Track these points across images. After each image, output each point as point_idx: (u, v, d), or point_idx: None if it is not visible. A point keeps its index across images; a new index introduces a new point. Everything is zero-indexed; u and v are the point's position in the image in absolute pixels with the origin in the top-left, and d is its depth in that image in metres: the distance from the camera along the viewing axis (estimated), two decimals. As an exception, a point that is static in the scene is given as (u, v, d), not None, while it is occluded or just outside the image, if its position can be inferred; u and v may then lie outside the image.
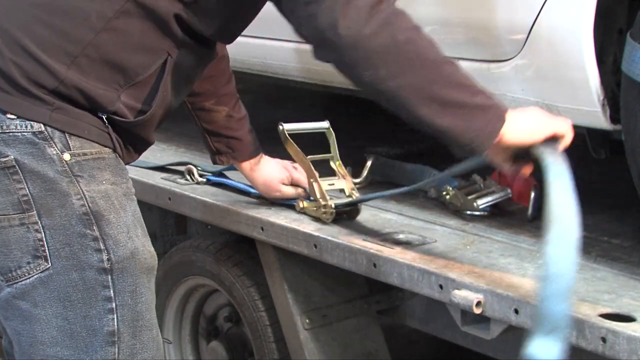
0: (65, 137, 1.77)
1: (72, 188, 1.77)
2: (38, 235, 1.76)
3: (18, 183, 1.75)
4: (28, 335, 1.81)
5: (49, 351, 1.81)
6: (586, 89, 2.08)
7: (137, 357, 1.85)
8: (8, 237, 1.77)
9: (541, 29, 2.10)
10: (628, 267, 2.03)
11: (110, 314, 1.81)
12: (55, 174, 1.76)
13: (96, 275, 1.79)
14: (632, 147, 1.97)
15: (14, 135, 1.74)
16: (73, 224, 1.77)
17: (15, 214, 1.76)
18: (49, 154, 1.75)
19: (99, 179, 1.80)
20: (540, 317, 1.65)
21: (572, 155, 1.81)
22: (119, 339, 1.82)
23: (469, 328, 2.04)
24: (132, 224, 1.85)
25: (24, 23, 1.76)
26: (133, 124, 1.84)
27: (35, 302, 1.79)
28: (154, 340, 1.89)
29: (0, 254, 1.78)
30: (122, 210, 1.83)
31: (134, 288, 1.83)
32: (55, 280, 1.78)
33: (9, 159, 1.74)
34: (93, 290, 1.80)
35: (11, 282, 1.79)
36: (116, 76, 1.80)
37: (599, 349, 1.76)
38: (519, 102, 2.25)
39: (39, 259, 1.77)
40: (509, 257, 2.10)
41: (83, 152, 1.78)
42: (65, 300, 1.79)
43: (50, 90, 1.75)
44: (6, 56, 1.75)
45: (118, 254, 1.80)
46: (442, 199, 2.48)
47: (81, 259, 1.78)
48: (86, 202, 1.78)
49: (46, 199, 1.76)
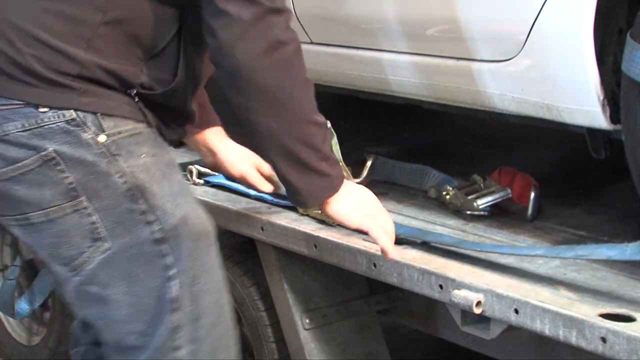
0: (97, 120, 1.78)
1: (112, 167, 1.79)
2: (91, 218, 1.79)
3: (62, 173, 1.77)
4: (105, 317, 1.86)
5: (126, 328, 1.86)
6: (586, 89, 2.08)
7: (198, 322, 1.88)
8: (66, 226, 1.80)
9: (541, 29, 2.10)
10: (628, 267, 2.03)
11: (170, 280, 1.84)
12: (94, 157, 1.78)
13: (152, 246, 1.82)
14: (632, 147, 1.97)
15: (49, 128, 1.75)
16: (120, 202, 1.80)
17: (66, 203, 1.78)
18: (84, 139, 1.77)
19: (136, 153, 1.82)
20: None
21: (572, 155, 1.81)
22: (180, 305, 1.85)
23: (469, 328, 2.04)
24: (178, 191, 1.87)
25: (33, 16, 1.76)
26: (162, 95, 1.86)
27: (103, 283, 1.82)
28: (215, 303, 1.92)
29: (63, 246, 1.82)
30: (165, 180, 1.85)
31: (189, 253, 1.86)
32: (117, 258, 1.81)
33: (48, 151, 1.76)
34: (152, 261, 1.83)
35: (77, 270, 1.82)
36: (134, 50, 1.81)
37: (599, 349, 1.76)
38: (519, 102, 2.25)
39: (97, 241, 1.80)
40: (509, 257, 2.09)
41: (118, 130, 1.80)
42: (130, 276, 1.82)
43: (75, 76, 1.76)
44: (24, 51, 1.75)
45: (169, 222, 1.83)
46: (442, 199, 2.48)
47: (135, 234, 1.81)
48: (127, 179, 1.80)
49: (90, 182, 1.78)
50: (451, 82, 2.36)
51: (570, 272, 2.02)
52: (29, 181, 1.77)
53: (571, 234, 2.27)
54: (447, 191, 2.46)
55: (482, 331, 2.02)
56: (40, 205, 1.78)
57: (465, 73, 2.30)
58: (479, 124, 3.37)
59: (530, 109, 2.26)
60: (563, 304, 1.84)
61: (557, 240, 2.24)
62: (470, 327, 2.03)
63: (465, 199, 2.41)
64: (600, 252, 1.94)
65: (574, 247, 2.06)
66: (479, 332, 2.02)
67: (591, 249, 1.97)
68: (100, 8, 1.77)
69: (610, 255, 1.92)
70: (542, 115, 2.24)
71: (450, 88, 2.37)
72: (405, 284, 2.08)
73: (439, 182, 2.54)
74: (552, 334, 1.83)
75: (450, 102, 2.44)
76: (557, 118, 2.21)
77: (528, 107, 2.26)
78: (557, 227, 2.32)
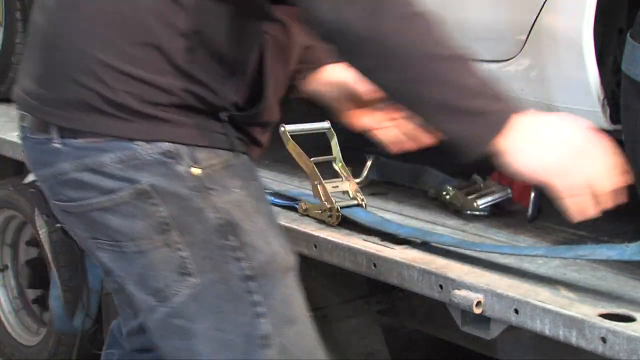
0: (191, 151, 1.75)
1: (206, 202, 1.75)
2: (181, 253, 1.76)
3: (154, 206, 1.74)
4: (188, 350, 1.81)
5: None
6: (586, 89, 2.08)
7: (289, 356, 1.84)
8: (155, 259, 1.77)
9: (541, 29, 2.10)
10: (628, 267, 2.03)
11: (260, 317, 1.80)
12: (187, 192, 1.75)
13: (241, 283, 1.79)
14: (632, 147, 1.97)
15: (144, 160, 1.73)
16: (212, 238, 1.76)
17: (157, 236, 1.75)
18: (178, 172, 1.74)
19: (229, 187, 1.78)
20: None
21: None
22: (270, 341, 1.81)
23: (469, 328, 2.04)
24: (267, 227, 1.83)
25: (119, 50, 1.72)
26: (253, 115, 1.82)
27: (190, 317, 1.79)
28: (301, 334, 1.88)
29: (150, 277, 1.79)
30: (256, 215, 1.81)
31: (278, 289, 1.82)
32: (205, 294, 1.78)
33: (142, 184, 1.73)
34: (240, 298, 1.79)
35: (164, 301, 1.79)
36: (220, 70, 1.77)
37: (599, 349, 1.76)
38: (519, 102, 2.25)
39: (186, 275, 1.77)
40: (509, 257, 2.09)
41: (211, 163, 1.77)
42: (217, 312, 1.79)
43: (167, 105, 1.73)
44: (115, 87, 1.72)
45: (258, 260, 1.79)
46: (442, 199, 2.48)
47: (224, 270, 1.78)
48: (221, 215, 1.76)
49: (183, 217, 1.75)
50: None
51: (570, 272, 2.02)
52: (122, 212, 1.75)
53: (571, 234, 2.27)
54: (447, 191, 2.46)
55: (482, 331, 2.01)
56: (132, 236, 1.76)
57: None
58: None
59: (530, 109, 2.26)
60: (563, 304, 1.84)
61: (557, 240, 2.24)
62: (470, 327, 2.03)
63: (465, 199, 2.41)
64: (600, 252, 1.94)
65: (574, 247, 2.06)
66: (479, 332, 2.02)
67: (591, 249, 1.97)
68: (183, 34, 1.73)
69: (611, 256, 1.92)
70: (542, 115, 2.24)
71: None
72: (405, 284, 2.08)
73: (439, 182, 2.54)
74: (552, 334, 1.83)
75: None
76: (557, 118, 2.21)
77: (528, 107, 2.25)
78: (557, 227, 2.32)
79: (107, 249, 1.81)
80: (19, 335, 3.69)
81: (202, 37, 1.75)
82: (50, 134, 1.78)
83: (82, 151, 1.74)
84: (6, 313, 3.72)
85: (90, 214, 1.78)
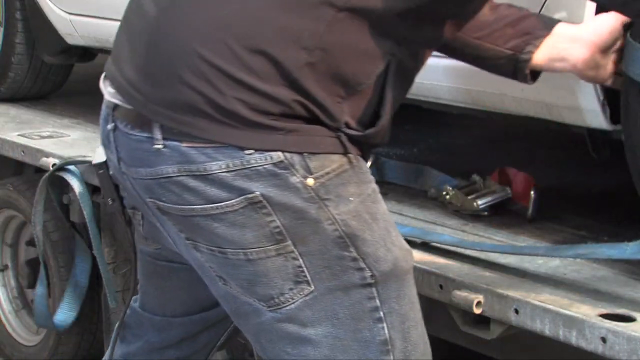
0: (304, 161, 1.69)
1: (322, 214, 1.70)
2: (296, 262, 1.72)
3: (267, 216, 1.69)
4: (299, 355, 1.78)
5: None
6: (586, 89, 2.08)
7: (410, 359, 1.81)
8: (266, 267, 1.72)
9: (541, 29, 2.09)
10: (628, 267, 2.03)
11: (380, 322, 1.76)
12: (302, 203, 1.69)
13: (360, 290, 1.75)
14: (632, 147, 1.97)
15: (255, 170, 1.67)
16: (329, 248, 1.72)
17: (270, 246, 1.71)
18: (292, 183, 1.68)
19: (345, 196, 1.72)
20: None
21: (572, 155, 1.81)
22: (392, 346, 1.78)
23: (469, 328, 2.04)
24: (385, 232, 1.78)
25: (235, 57, 1.66)
26: (365, 136, 1.75)
27: (303, 323, 1.75)
28: (420, 336, 1.85)
29: (261, 284, 1.74)
30: (374, 223, 1.76)
31: (398, 293, 1.78)
32: (320, 301, 1.74)
33: (255, 194, 1.68)
34: (359, 305, 1.75)
35: (274, 308, 1.75)
36: (337, 89, 1.70)
37: (599, 349, 1.76)
38: (519, 102, 2.25)
39: (300, 284, 1.73)
40: (509, 257, 2.10)
41: (325, 171, 1.71)
42: (333, 319, 1.75)
43: (278, 115, 1.67)
44: (227, 94, 1.65)
45: (380, 270, 1.75)
46: (442, 199, 2.48)
47: (343, 279, 1.74)
48: (339, 226, 1.71)
49: (298, 227, 1.70)
50: (451, 82, 2.36)
51: (570, 272, 2.02)
52: (230, 221, 1.70)
53: (571, 234, 2.27)
54: (447, 191, 2.46)
55: (482, 331, 2.02)
56: (241, 245, 1.71)
57: (465, 73, 2.30)
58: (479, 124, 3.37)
59: (530, 109, 2.26)
60: (563, 304, 1.84)
61: (557, 240, 2.24)
62: (470, 327, 2.03)
63: (465, 199, 2.41)
64: (601, 251, 1.94)
65: (575, 246, 2.06)
66: (479, 332, 2.02)
67: (592, 248, 1.97)
68: (307, 47, 1.66)
69: (611, 255, 1.92)
70: (542, 115, 2.24)
71: (450, 88, 2.37)
72: (405, 284, 2.08)
73: (439, 182, 2.54)
74: (552, 334, 1.83)
75: (450, 102, 2.44)
76: (557, 118, 2.22)
77: (528, 107, 2.26)
78: (557, 227, 2.32)
79: (205, 252, 1.76)
80: (19, 335, 3.69)
81: (326, 54, 1.67)
82: (152, 132, 1.70)
83: (187, 156, 1.68)
84: (6, 313, 3.72)
85: (192, 219, 1.72)
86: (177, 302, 2.09)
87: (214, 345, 2.20)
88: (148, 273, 2.10)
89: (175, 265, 2.01)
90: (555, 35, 1.93)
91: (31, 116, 3.74)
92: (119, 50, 1.81)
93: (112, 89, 1.79)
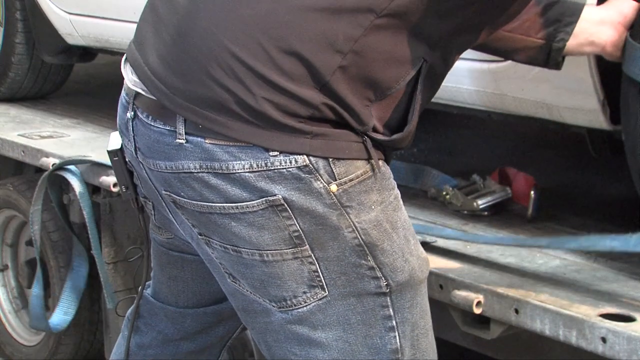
0: (329, 166, 1.67)
1: (343, 221, 1.69)
2: (312, 267, 1.71)
3: (288, 220, 1.68)
4: (306, 357, 1.77)
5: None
6: (586, 89, 2.08)
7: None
8: (282, 270, 1.72)
9: (541, 29, 2.09)
10: (628, 267, 2.03)
11: (392, 331, 1.76)
12: (324, 209, 1.68)
13: (374, 298, 1.74)
14: (632, 147, 1.97)
15: (279, 172, 1.65)
16: (347, 255, 1.71)
17: (287, 249, 1.70)
18: (315, 188, 1.67)
19: (367, 204, 1.71)
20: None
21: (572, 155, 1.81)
22: (401, 354, 1.77)
23: (469, 328, 2.04)
24: (404, 242, 1.77)
25: (267, 57, 1.64)
26: (392, 141, 1.74)
27: (314, 326, 1.75)
28: (430, 344, 1.85)
29: (274, 285, 1.73)
30: (394, 232, 1.75)
31: (411, 303, 1.78)
32: (333, 306, 1.74)
33: (277, 197, 1.66)
34: (372, 312, 1.75)
35: (285, 309, 1.75)
36: (367, 92, 1.68)
37: (599, 349, 1.76)
38: (519, 102, 2.25)
39: (315, 288, 1.72)
40: (509, 257, 2.10)
41: (349, 178, 1.69)
42: (345, 324, 1.75)
43: (306, 117, 1.65)
44: (257, 93, 1.63)
45: (396, 280, 1.74)
46: (442, 199, 2.48)
47: (358, 286, 1.73)
48: (358, 235, 1.70)
49: (317, 233, 1.69)
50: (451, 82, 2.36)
51: (570, 272, 2.02)
52: (249, 221, 1.69)
53: (571, 234, 2.27)
54: (447, 191, 2.46)
55: (482, 331, 2.02)
56: (257, 246, 1.70)
57: (465, 73, 2.30)
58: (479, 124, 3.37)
59: (530, 109, 2.26)
60: (563, 304, 1.84)
61: (557, 240, 2.24)
62: (470, 327, 2.04)
63: (465, 199, 2.41)
64: (604, 243, 1.93)
65: (578, 237, 2.04)
66: (479, 332, 2.02)
67: (595, 240, 1.95)
68: (341, 50, 1.64)
69: (614, 246, 1.90)
70: (542, 115, 2.24)
71: (450, 88, 2.37)
72: (405, 284, 2.08)
73: (439, 182, 2.54)
74: (552, 334, 1.83)
75: (450, 102, 2.44)
76: (557, 118, 2.22)
77: (528, 107, 2.26)
78: (557, 227, 2.32)
79: (218, 249, 1.75)
80: (19, 335, 3.69)
81: (359, 57, 1.65)
82: (175, 126, 1.68)
83: (210, 153, 1.66)
84: (6, 313, 3.72)
85: (210, 215, 1.71)
86: (190, 293, 2.08)
87: (228, 339, 2.19)
88: (161, 263, 2.08)
89: (187, 257, 2.01)
90: (582, 20, 1.93)
91: (31, 116, 3.74)
92: (144, 35, 1.77)
93: (135, 76, 1.76)
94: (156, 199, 1.83)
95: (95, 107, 3.85)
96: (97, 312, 3.36)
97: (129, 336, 2.16)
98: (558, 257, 2.10)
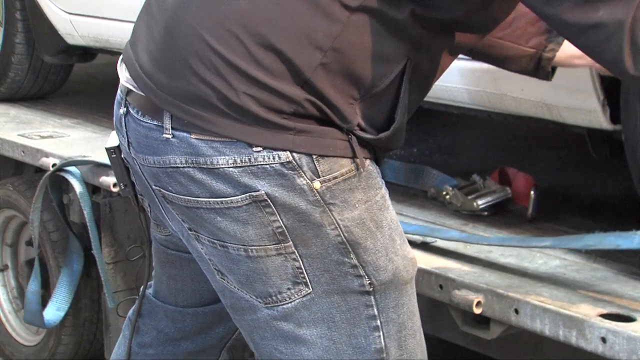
0: (313, 163, 1.68)
1: (326, 218, 1.70)
2: (296, 263, 1.72)
3: (271, 215, 1.68)
4: (292, 354, 1.78)
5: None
6: (586, 89, 2.08)
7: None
8: (266, 266, 1.72)
9: (541, 29, 2.09)
10: (628, 267, 2.03)
11: (376, 331, 1.76)
12: (307, 205, 1.68)
13: (358, 297, 1.75)
14: (632, 147, 1.97)
15: (262, 168, 1.66)
16: (330, 253, 1.72)
17: (271, 245, 1.71)
18: (299, 185, 1.67)
19: (351, 202, 1.71)
20: None
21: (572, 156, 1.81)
22: (387, 354, 1.77)
23: (469, 328, 2.04)
24: (389, 241, 1.76)
25: (249, 54, 1.65)
26: (378, 140, 1.74)
27: (299, 323, 1.75)
28: (418, 344, 1.84)
29: (259, 281, 1.74)
30: (378, 231, 1.74)
31: (396, 302, 1.78)
32: (318, 303, 1.74)
33: (260, 193, 1.67)
34: (356, 311, 1.75)
35: (271, 305, 1.75)
36: (351, 90, 1.68)
37: (599, 349, 1.76)
38: (519, 102, 2.25)
39: (299, 284, 1.73)
40: (509, 257, 2.10)
41: (333, 175, 1.69)
42: (329, 322, 1.75)
43: (289, 113, 1.66)
44: (239, 89, 1.64)
45: (379, 279, 1.74)
46: (442, 199, 2.48)
47: (341, 284, 1.73)
48: (341, 232, 1.71)
49: (300, 229, 1.70)
50: (451, 82, 2.36)
51: (570, 272, 2.02)
52: (233, 216, 1.70)
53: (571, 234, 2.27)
54: (447, 191, 2.46)
55: (482, 331, 2.02)
56: (242, 241, 1.71)
57: (465, 73, 2.30)
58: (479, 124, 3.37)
59: (530, 109, 2.26)
60: (563, 304, 1.84)
61: (557, 240, 2.24)
62: (470, 327, 2.04)
63: (465, 199, 2.41)
64: (609, 240, 1.92)
65: (583, 236, 2.04)
66: (479, 332, 2.02)
67: (599, 238, 1.95)
68: (321, 47, 1.64)
69: (619, 244, 1.90)
70: (542, 115, 2.24)
71: (451, 88, 2.37)
72: (405, 284, 2.08)
73: (438, 182, 2.55)
74: (552, 334, 1.83)
75: (450, 102, 2.44)
76: (557, 118, 2.22)
77: (528, 107, 2.26)
78: (557, 227, 2.32)
79: (206, 244, 1.76)
80: (19, 335, 3.69)
81: (340, 55, 1.66)
82: (161, 121, 1.70)
83: (195, 148, 1.67)
84: (6, 313, 3.72)
85: (197, 210, 1.72)
86: (189, 292, 2.09)
87: (228, 340, 2.20)
88: (161, 261, 2.10)
89: (184, 256, 2.02)
90: None
91: (31, 116, 3.74)
92: (138, 34, 1.80)
93: (128, 74, 1.78)
94: (149, 195, 1.85)
95: (95, 107, 3.85)
96: (97, 312, 3.36)
97: (130, 336, 2.16)
98: (558, 257, 2.10)
